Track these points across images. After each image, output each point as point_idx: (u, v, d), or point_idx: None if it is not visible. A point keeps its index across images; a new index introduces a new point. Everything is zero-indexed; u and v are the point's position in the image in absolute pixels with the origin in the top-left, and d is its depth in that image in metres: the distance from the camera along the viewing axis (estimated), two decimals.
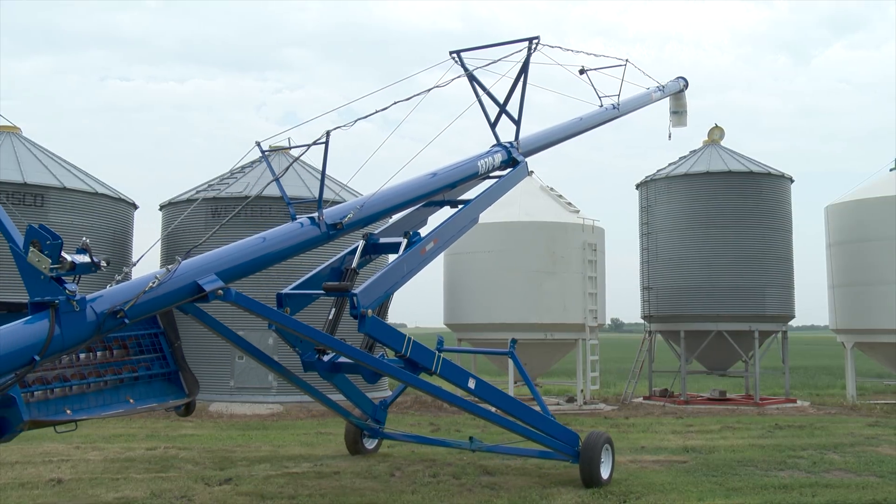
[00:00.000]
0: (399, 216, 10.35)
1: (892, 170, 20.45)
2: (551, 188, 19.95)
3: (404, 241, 9.16)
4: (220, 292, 6.95)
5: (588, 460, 9.53)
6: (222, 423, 15.46)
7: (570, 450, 9.88)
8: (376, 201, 9.16)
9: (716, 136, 21.88)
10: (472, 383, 9.27)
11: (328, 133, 7.88)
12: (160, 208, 19.74)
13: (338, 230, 8.51)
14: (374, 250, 9.80)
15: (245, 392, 17.36)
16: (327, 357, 9.57)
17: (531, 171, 12.99)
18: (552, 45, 11.82)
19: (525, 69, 11.14)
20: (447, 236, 9.78)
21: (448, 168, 10.47)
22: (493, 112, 11.55)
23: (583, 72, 13.69)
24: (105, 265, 6.01)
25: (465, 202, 10.49)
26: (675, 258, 20.05)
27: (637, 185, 21.86)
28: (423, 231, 9.96)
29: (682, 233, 20.00)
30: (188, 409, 7.89)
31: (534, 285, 18.02)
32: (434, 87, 10.05)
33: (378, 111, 8.89)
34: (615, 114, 14.12)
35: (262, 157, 8.84)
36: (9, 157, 17.69)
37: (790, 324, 20.45)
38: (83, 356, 7.00)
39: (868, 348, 20.09)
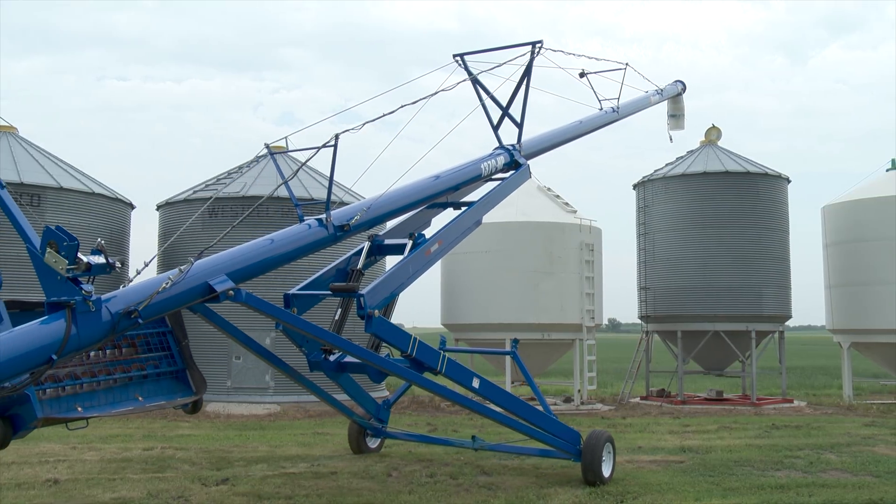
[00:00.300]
0: (403, 218, 10.41)
1: (888, 170, 20.51)
2: (549, 188, 20.00)
3: (409, 242, 9.22)
4: (231, 293, 7.02)
5: (590, 458, 9.64)
6: (219, 423, 15.48)
7: (572, 448, 9.97)
8: (383, 203, 9.22)
9: (713, 137, 21.96)
10: (476, 383, 9.36)
11: (337, 136, 7.93)
12: (157, 208, 19.76)
13: (345, 232, 8.56)
14: (379, 251, 9.86)
15: (242, 392, 17.38)
16: (333, 357, 9.64)
17: None
18: (554, 49, 11.92)
19: (528, 73, 11.21)
20: (451, 238, 9.85)
21: (452, 170, 10.53)
22: (495, 115, 11.62)
23: (583, 75, 13.77)
24: (120, 266, 6.08)
25: (468, 204, 10.55)
26: (672, 258, 20.14)
27: (634, 186, 21.94)
28: (427, 233, 10.03)
29: (680, 233, 20.08)
30: (195, 407, 7.98)
31: (531, 285, 18.09)
32: (440, 91, 10.11)
33: (385, 115, 8.95)
34: (614, 117, 14.21)
35: (272, 159, 8.90)
36: (5, 157, 17.67)
37: (787, 324, 20.52)
38: (93, 354, 7.08)
39: (865, 348, 20.17)
